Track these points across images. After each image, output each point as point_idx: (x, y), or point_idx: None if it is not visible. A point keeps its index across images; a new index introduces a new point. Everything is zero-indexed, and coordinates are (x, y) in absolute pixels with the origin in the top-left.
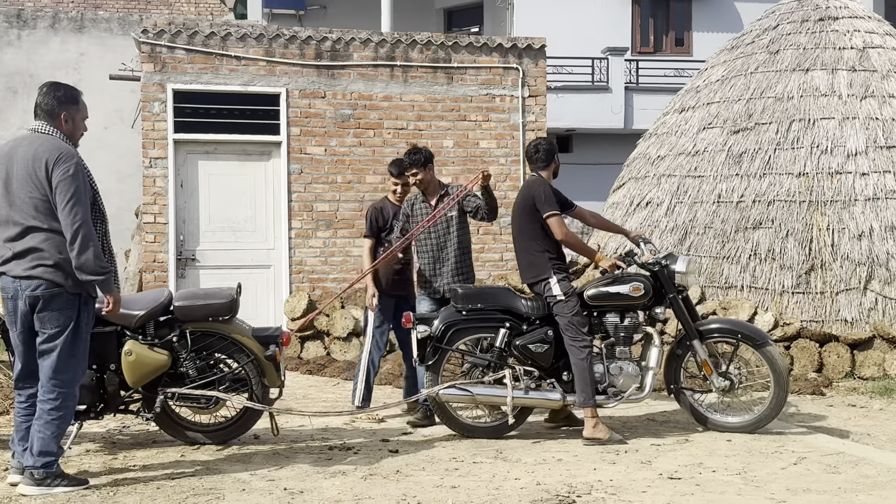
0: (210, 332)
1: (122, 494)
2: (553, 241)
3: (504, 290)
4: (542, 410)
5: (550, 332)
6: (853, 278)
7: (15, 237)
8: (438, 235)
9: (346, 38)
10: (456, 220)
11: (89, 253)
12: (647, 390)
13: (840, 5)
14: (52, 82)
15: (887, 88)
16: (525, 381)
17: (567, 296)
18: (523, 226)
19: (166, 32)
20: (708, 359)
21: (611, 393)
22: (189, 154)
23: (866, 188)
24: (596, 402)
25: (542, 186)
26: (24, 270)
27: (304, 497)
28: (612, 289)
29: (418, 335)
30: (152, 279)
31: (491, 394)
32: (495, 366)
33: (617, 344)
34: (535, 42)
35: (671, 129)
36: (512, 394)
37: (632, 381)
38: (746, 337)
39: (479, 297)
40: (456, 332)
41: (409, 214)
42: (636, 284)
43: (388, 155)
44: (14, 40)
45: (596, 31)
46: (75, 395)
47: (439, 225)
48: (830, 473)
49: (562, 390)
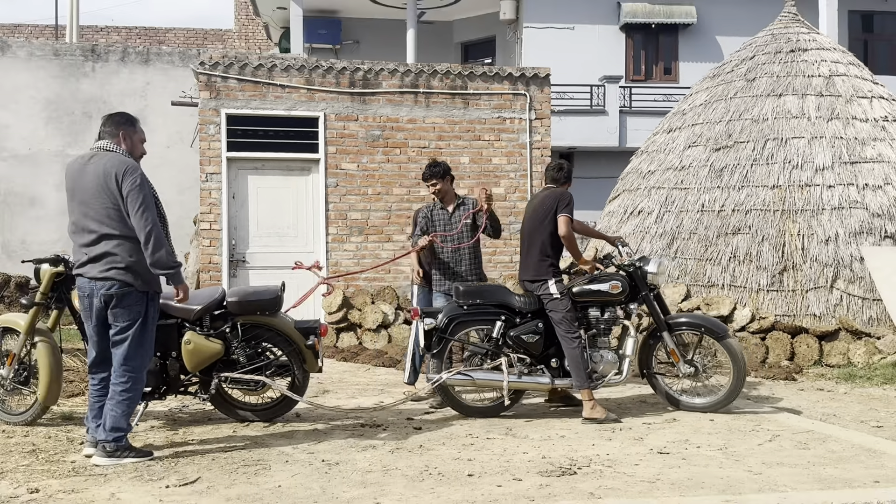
0: (258, 325)
1: (182, 465)
2: (554, 249)
3: (500, 287)
4: (542, 393)
5: (541, 324)
6: (821, 278)
7: (90, 243)
8: (462, 237)
9: (376, 68)
10: (469, 228)
11: (162, 251)
12: (624, 375)
13: (809, 38)
14: (113, 112)
15: (851, 111)
16: (518, 367)
17: (562, 295)
18: (535, 231)
19: (220, 64)
20: (676, 348)
21: (594, 377)
22: (240, 170)
23: (832, 199)
24: (590, 385)
25: (570, 196)
26: (100, 272)
27: (340, 468)
28: (594, 286)
29: (425, 327)
30: (208, 278)
31: (489, 378)
32: (492, 354)
33: (598, 335)
34: (540, 71)
35: (660, 147)
36: (507, 378)
37: (611, 367)
38: (709, 330)
39: (477, 294)
40: (458, 325)
41: (428, 219)
42: (615, 283)
43: (413, 170)
44: (89, 71)
45: (594, 62)
46: (143, 379)
47: (461, 232)
48: (801, 449)
49: (550, 375)
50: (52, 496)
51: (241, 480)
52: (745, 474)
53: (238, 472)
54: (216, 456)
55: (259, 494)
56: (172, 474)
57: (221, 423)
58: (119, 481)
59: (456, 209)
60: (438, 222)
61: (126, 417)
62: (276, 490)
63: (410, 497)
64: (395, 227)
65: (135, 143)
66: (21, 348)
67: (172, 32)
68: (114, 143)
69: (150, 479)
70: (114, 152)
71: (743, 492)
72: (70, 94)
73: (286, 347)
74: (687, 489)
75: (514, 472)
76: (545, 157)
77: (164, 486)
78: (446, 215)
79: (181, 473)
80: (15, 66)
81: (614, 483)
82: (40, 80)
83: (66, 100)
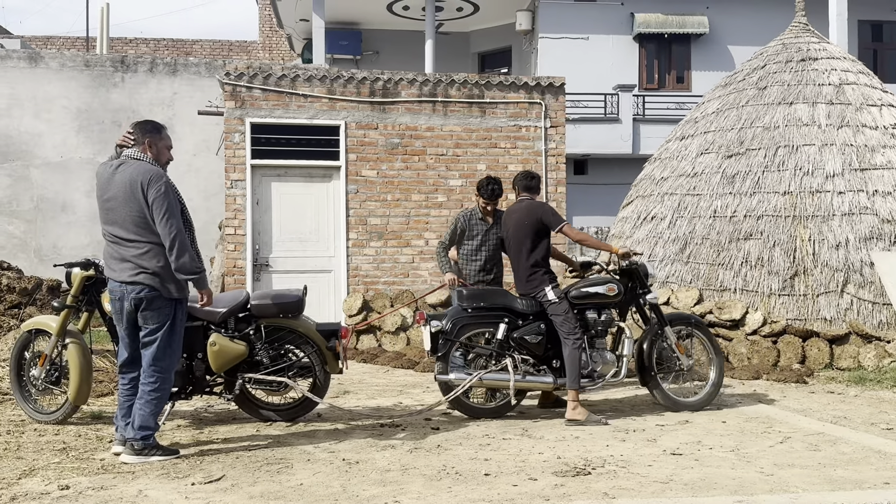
0: (281, 327)
1: (207, 462)
2: (544, 257)
3: (502, 291)
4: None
5: (543, 325)
6: (832, 282)
7: (120, 249)
8: (489, 249)
9: (396, 78)
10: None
11: (186, 257)
12: (622, 374)
13: (819, 48)
14: (141, 120)
15: (860, 119)
16: (522, 367)
17: (560, 299)
18: (522, 243)
19: (245, 75)
20: (679, 342)
21: (595, 377)
22: (263, 177)
23: (843, 205)
24: (580, 386)
25: (547, 206)
26: (129, 277)
27: (360, 466)
28: (591, 289)
29: (431, 329)
30: (233, 282)
31: (496, 378)
32: (497, 355)
33: (596, 336)
34: (555, 80)
35: (673, 154)
36: (514, 378)
37: (610, 367)
38: (697, 323)
39: (481, 297)
40: (462, 327)
41: (466, 227)
42: (611, 286)
43: (431, 177)
44: (119, 82)
45: (608, 71)
46: (171, 380)
47: (490, 242)
48: (812, 451)
49: (553, 375)
50: (81, 493)
51: (264, 478)
52: (756, 475)
53: (261, 470)
54: (240, 454)
55: (281, 492)
56: (198, 472)
57: (245, 422)
58: (146, 479)
59: (495, 223)
60: (477, 232)
61: (154, 417)
62: (298, 488)
63: (428, 496)
64: (413, 232)
65: (160, 150)
66: (52, 349)
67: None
68: (140, 152)
69: (177, 477)
70: (140, 160)
71: (755, 492)
72: (100, 104)
73: (308, 349)
74: (699, 490)
75: (529, 471)
76: (560, 165)
77: (190, 484)
78: (485, 226)
79: (206, 471)
80: (47, 76)
81: (628, 483)
82: (72, 91)
83: (96, 109)
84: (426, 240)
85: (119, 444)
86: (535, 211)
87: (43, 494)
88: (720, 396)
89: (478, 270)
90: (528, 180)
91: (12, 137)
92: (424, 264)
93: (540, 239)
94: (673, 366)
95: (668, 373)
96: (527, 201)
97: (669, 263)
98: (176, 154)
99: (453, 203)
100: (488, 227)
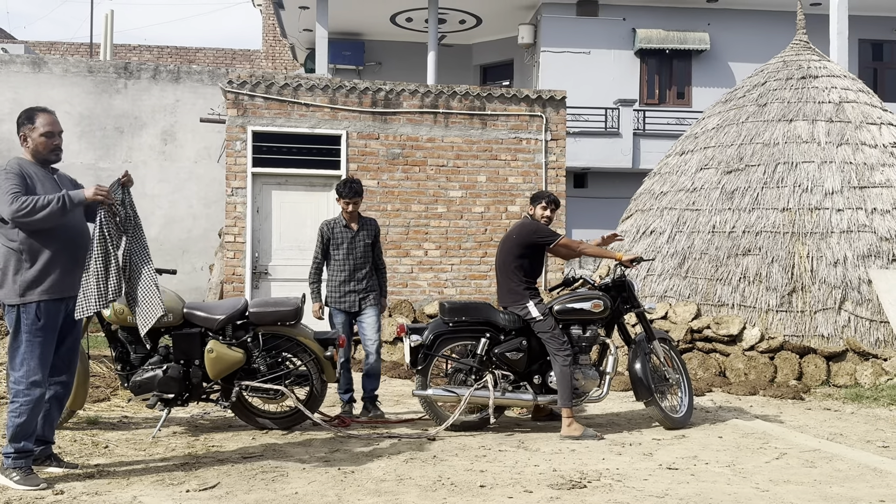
0: (278, 335)
1: (202, 469)
2: (529, 271)
3: (485, 304)
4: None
5: (524, 341)
6: (829, 299)
7: None
8: (356, 258)
9: (397, 89)
10: (369, 249)
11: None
12: (605, 391)
13: (820, 66)
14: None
15: (860, 137)
16: (502, 383)
17: (544, 316)
18: (507, 261)
19: (248, 83)
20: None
21: (577, 393)
22: (264, 185)
23: (841, 222)
24: (573, 403)
25: (538, 223)
26: None
27: (355, 476)
28: (576, 305)
29: (411, 343)
30: (232, 289)
31: (476, 394)
32: (477, 371)
33: (580, 352)
34: (556, 94)
35: (673, 169)
36: (493, 394)
37: (593, 384)
38: (663, 339)
39: (463, 311)
40: (443, 341)
41: (329, 237)
42: (596, 301)
43: (431, 188)
44: (121, 88)
45: (609, 86)
46: (30, 398)
47: (357, 250)
48: (808, 467)
49: (533, 392)
50: (76, 498)
51: (259, 486)
52: (752, 491)
53: (256, 478)
54: (235, 462)
55: (276, 500)
56: (193, 479)
57: (241, 430)
58: (141, 485)
59: (361, 229)
60: (341, 240)
61: (11, 438)
62: (293, 496)
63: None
64: (412, 242)
65: (36, 142)
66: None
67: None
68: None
69: (171, 484)
70: (14, 158)
71: None
72: (103, 110)
73: (305, 357)
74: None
75: (525, 484)
76: (560, 177)
77: (185, 491)
78: (350, 234)
79: (201, 478)
80: (51, 81)
81: (623, 497)
82: (75, 96)
83: (98, 115)
84: (425, 250)
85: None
86: (527, 227)
87: (38, 499)
88: (717, 412)
89: (344, 281)
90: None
91: (14, 142)
92: (423, 274)
93: (526, 255)
94: (664, 381)
95: (660, 388)
96: (524, 219)
97: (668, 278)
98: (178, 161)
99: (453, 214)
100: (353, 234)
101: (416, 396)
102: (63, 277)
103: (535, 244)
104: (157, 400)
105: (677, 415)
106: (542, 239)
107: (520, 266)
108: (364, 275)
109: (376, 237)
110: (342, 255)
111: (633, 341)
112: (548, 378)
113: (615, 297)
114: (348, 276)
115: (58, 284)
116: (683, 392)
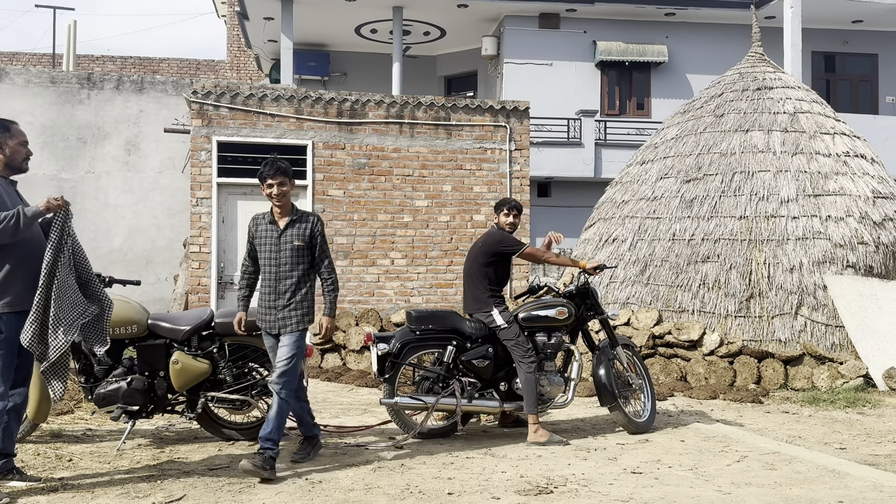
0: (245, 345)
1: (168, 482)
2: (495, 280)
3: (451, 313)
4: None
5: (491, 349)
6: (786, 305)
7: None
8: (280, 262)
9: (363, 99)
10: (298, 252)
11: None
12: (570, 397)
13: (775, 77)
14: None
15: (814, 147)
16: (469, 391)
17: (509, 323)
18: (473, 269)
19: (212, 93)
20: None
21: (543, 399)
22: (229, 195)
23: (797, 229)
24: (539, 409)
25: (503, 233)
26: None
27: (323, 486)
28: (541, 312)
29: (378, 352)
30: (197, 300)
31: (442, 402)
32: (444, 378)
33: (545, 359)
34: (520, 105)
35: (634, 179)
36: (460, 402)
37: (558, 390)
38: (626, 344)
39: (430, 319)
40: (410, 350)
41: (253, 235)
42: (561, 309)
43: (398, 197)
44: (84, 98)
45: (571, 97)
46: None
47: (284, 253)
48: (768, 470)
49: (499, 399)
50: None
51: (225, 498)
52: (715, 494)
53: (223, 490)
54: (201, 474)
55: None
56: (158, 492)
57: (207, 441)
58: (106, 498)
59: (289, 226)
60: (265, 241)
61: None
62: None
63: None
64: (379, 251)
65: (14, 150)
66: None
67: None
68: None
69: (137, 496)
70: None
71: None
72: (66, 121)
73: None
74: None
75: (492, 490)
76: (524, 187)
77: (150, 503)
78: (275, 233)
79: (167, 491)
80: (12, 92)
81: (589, 502)
82: (37, 107)
83: (61, 126)
84: (392, 259)
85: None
86: (493, 236)
87: None
88: (679, 416)
89: (266, 293)
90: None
91: None
92: (390, 283)
93: (491, 263)
94: (627, 386)
95: (624, 394)
96: (492, 228)
97: (630, 285)
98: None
99: (419, 223)
100: (279, 234)
101: (384, 405)
102: (24, 291)
103: (500, 253)
104: (122, 412)
105: (640, 419)
106: (506, 248)
107: (485, 274)
108: (288, 287)
109: (313, 237)
110: (264, 260)
111: (597, 348)
112: (514, 385)
113: (579, 304)
114: (271, 287)
115: (19, 297)
116: (646, 397)
